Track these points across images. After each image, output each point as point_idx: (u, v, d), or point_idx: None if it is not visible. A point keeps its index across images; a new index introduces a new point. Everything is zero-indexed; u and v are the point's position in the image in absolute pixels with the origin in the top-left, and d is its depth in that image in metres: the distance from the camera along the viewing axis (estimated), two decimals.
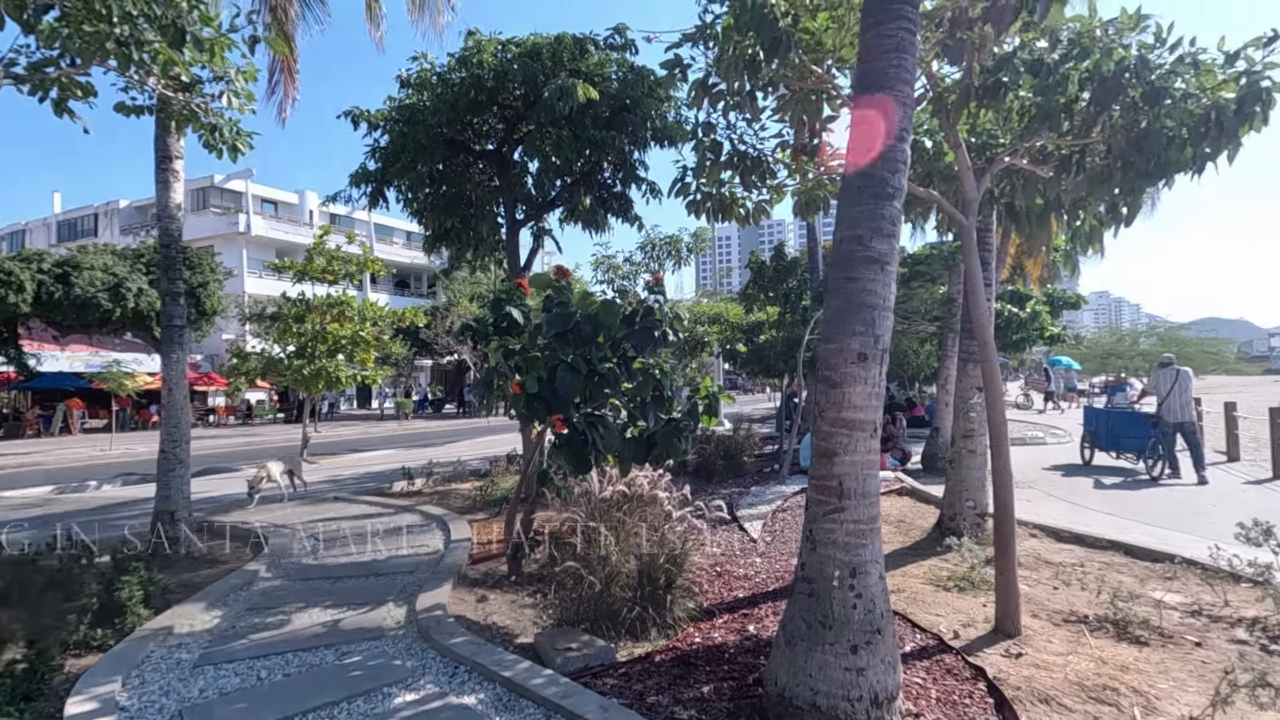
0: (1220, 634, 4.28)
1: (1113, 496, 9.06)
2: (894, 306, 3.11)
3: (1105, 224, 5.70)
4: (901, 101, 3.05)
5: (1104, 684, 3.59)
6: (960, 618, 4.59)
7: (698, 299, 19.78)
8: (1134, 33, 4.16)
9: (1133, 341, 43.94)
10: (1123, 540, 6.39)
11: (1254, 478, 10.54)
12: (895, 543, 6.65)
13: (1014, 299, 14.98)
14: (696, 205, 5.78)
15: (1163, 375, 10.87)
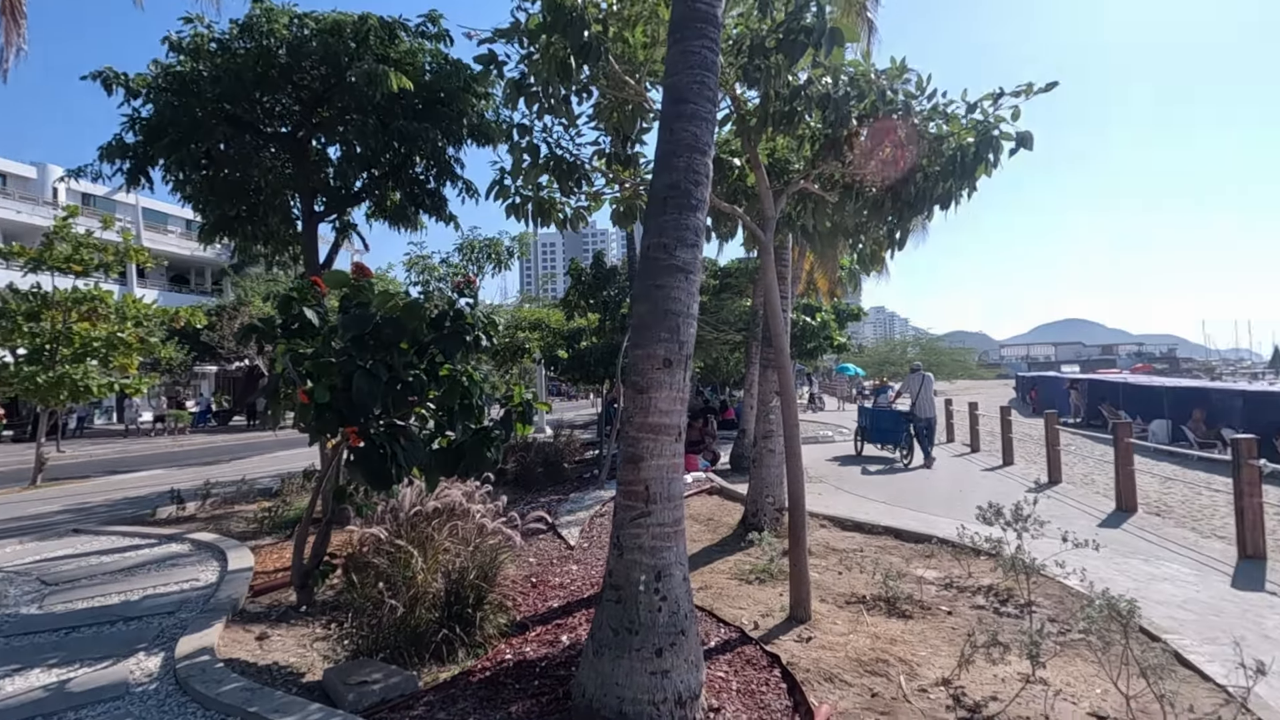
0: (966, 602, 4.98)
1: (879, 482, 10.30)
2: (707, 317, 3.25)
3: (883, 247, 6.44)
4: (704, 117, 3.18)
5: (877, 657, 4.00)
6: (760, 608, 4.89)
7: (519, 304, 19.49)
8: (899, 80, 4.75)
9: (902, 350, 50.85)
10: (893, 525, 7.25)
11: (990, 465, 12.57)
12: (704, 540, 6.96)
13: (807, 311, 16.56)
14: (515, 208, 5.64)
15: (913, 379, 13.04)
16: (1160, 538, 7.18)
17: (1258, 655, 4.15)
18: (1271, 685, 3.74)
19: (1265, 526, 6.59)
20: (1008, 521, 3.97)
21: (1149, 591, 5.35)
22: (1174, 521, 8.12)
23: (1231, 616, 4.82)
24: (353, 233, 8.94)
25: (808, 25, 3.66)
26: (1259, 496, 6.37)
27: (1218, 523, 8.00)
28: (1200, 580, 5.68)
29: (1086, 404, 21.14)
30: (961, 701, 3.45)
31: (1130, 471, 8.48)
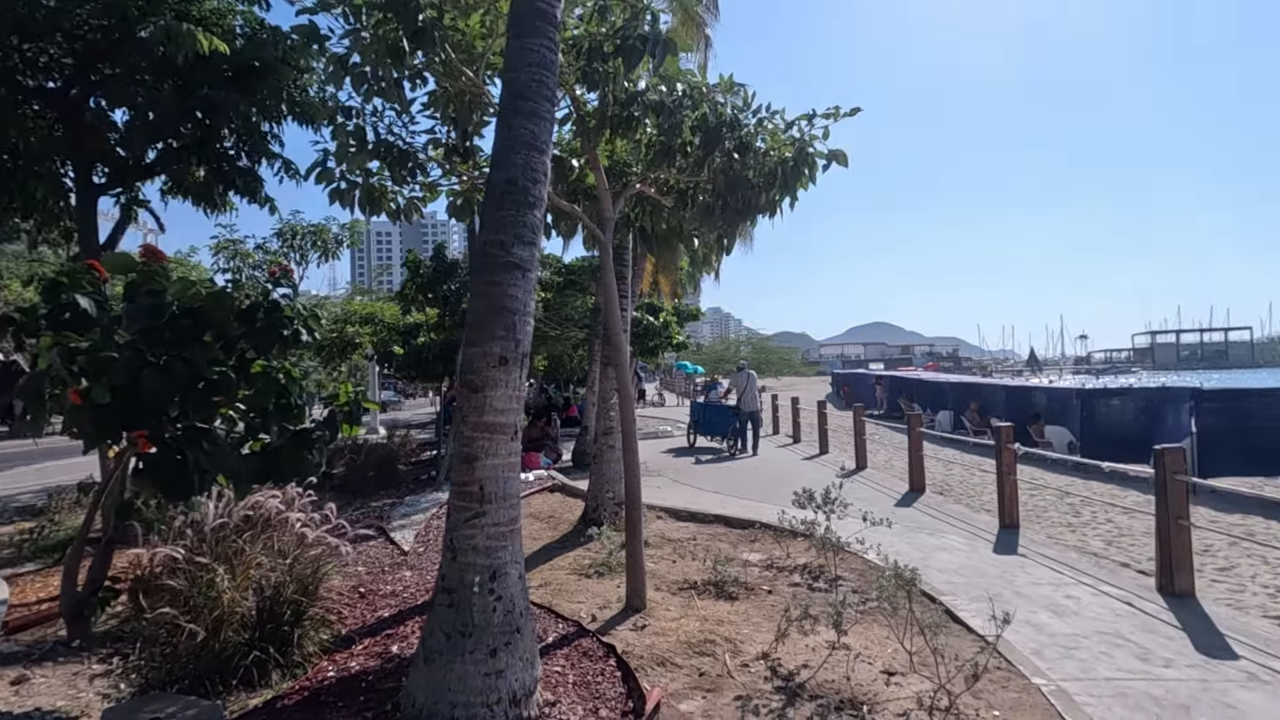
0: (785, 581, 5.42)
1: (712, 474, 10.92)
2: (550, 314, 3.25)
3: (715, 251, 6.79)
4: (542, 116, 3.19)
5: (705, 638, 4.24)
6: (599, 601, 4.99)
7: (350, 296, 18.17)
8: (729, 95, 5.05)
9: (736, 349, 54.06)
10: (724, 514, 7.72)
11: (809, 454, 13.76)
12: (545, 538, 6.97)
13: (650, 310, 17.12)
14: (341, 194, 5.27)
15: (740, 377, 14.34)
16: (943, 513, 8.28)
17: (1009, 608, 4.91)
18: (1018, 631, 4.47)
19: (1019, 500, 7.86)
20: (818, 505, 4.38)
21: (932, 560, 6.15)
22: (953, 499, 9.40)
23: (992, 577, 5.69)
24: (143, 211, 7.85)
25: (643, 34, 3.78)
26: (1014, 475, 7.57)
27: (986, 498, 9.38)
28: (971, 548, 6.64)
29: (888, 398, 23.83)
30: (778, 672, 3.76)
31: (920, 457, 9.69)
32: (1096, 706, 3.45)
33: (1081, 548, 6.92)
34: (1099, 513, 8.62)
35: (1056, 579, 5.65)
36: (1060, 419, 14.21)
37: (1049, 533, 7.60)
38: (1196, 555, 6.61)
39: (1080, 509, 8.90)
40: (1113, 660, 4.04)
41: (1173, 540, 5.25)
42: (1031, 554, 6.43)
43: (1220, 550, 6.90)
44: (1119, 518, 8.21)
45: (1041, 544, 6.86)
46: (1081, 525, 8.04)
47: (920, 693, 3.36)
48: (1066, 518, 8.45)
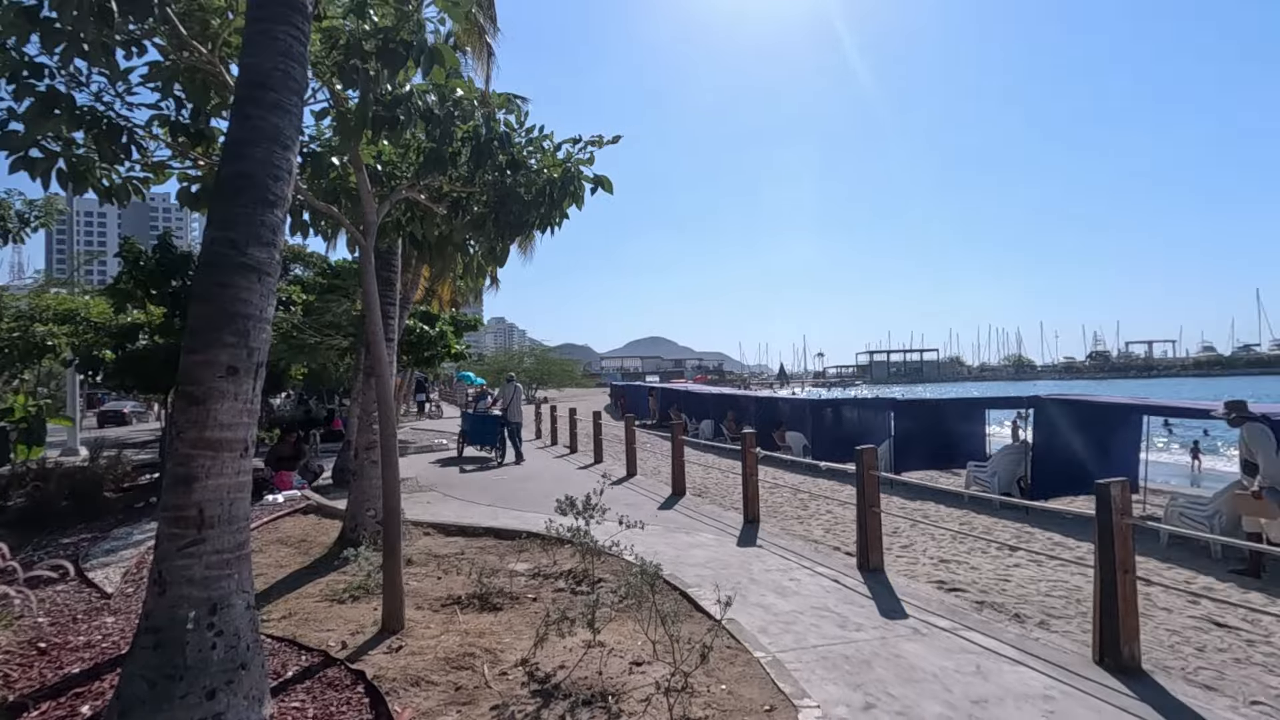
0: (550, 588, 5.56)
1: (485, 486, 10.81)
2: (311, 318, 2.99)
3: (489, 262, 6.78)
4: (288, 109, 2.97)
5: (465, 652, 4.20)
6: (351, 626, 4.69)
7: (42, 287, 14.85)
8: (503, 110, 5.12)
9: (519, 360, 53.83)
10: (494, 526, 7.68)
11: (585, 463, 14.20)
12: (294, 564, 6.35)
13: (426, 319, 16.41)
14: (31, 164, 4.35)
15: (506, 388, 15.02)
16: (699, 513, 9.07)
17: (744, 593, 5.55)
18: (749, 612, 5.09)
19: (761, 498, 8.90)
20: (578, 511, 4.59)
21: (686, 556, 6.73)
22: (710, 500, 10.34)
23: (734, 567, 6.38)
24: None
25: (407, 40, 3.70)
26: (756, 476, 8.57)
27: (736, 498, 10.46)
28: (719, 544, 7.37)
29: (660, 408, 25.47)
30: (535, 676, 3.86)
31: (682, 463, 10.53)
32: (803, 670, 4.05)
33: (806, 536, 8.03)
34: (822, 505, 10.07)
35: (785, 565, 6.50)
36: (797, 426, 16.36)
37: (783, 525, 8.70)
38: (887, 536, 8.02)
39: (808, 503, 10.33)
40: (820, 630, 4.78)
41: (868, 525, 6.34)
42: (768, 545, 7.32)
43: (904, 531, 8.46)
44: (837, 509, 9.67)
45: (776, 535, 7.83)
46: (808, 517, 9.33)
47: (662, 677, 3.68)
48: (798, 511, 9.75)
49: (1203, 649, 4.74)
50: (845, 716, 3.53)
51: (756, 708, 3.49)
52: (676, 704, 3.40)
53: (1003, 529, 8.82)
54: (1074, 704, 3.70)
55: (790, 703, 3.48)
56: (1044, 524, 8.92)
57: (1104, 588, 4.20)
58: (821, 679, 3.97)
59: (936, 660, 4.26)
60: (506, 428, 14.37)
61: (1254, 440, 6.94)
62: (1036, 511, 9.41)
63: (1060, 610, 5.48)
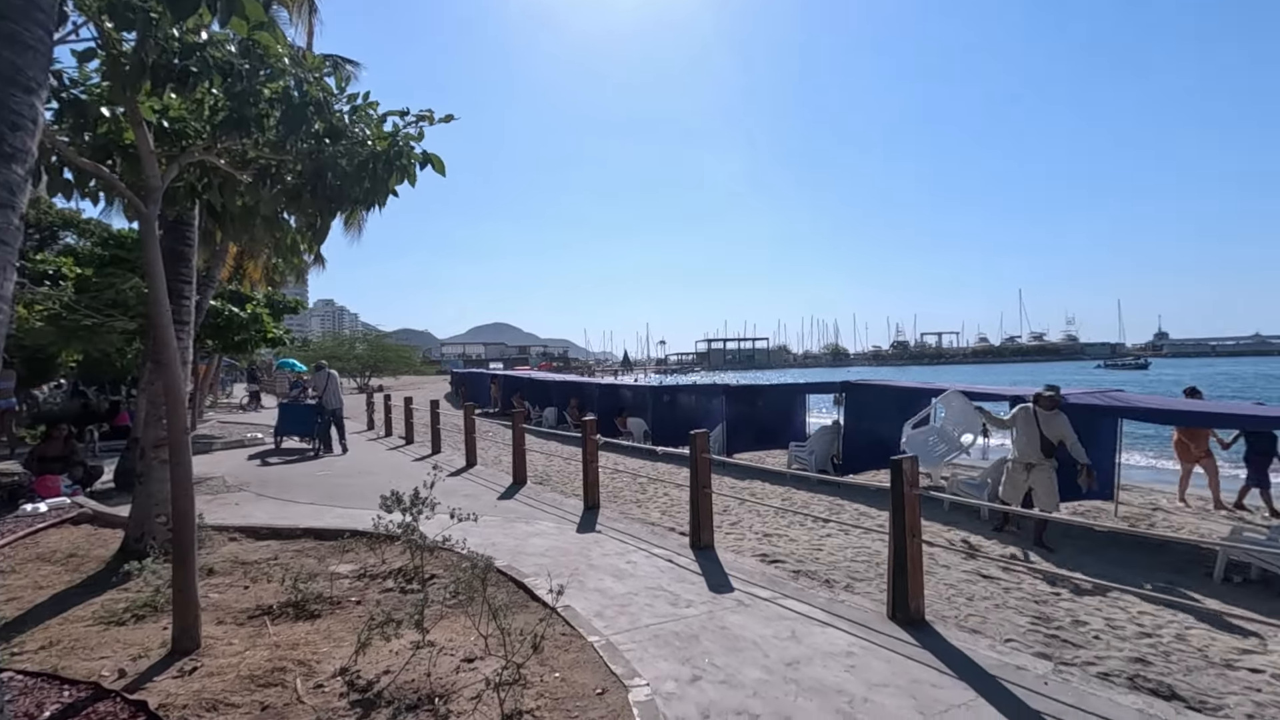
0: (377, 589, 5.24)
1: (307, 484, 9.98)
2: (88, 296, 2.49)
3: (304, 239, 6.20)
4: (30, 45, 2.46)
5: (275, 667, 3.83)
6: (133, 651, 4.10)
7: None
8: (321, 72, 4.65)
9: (350, 346, 50.12)
10: (315, 526, 7.09)
11: (421, 455, 13.55)
12: (59, 584, 5.43)
13: (235, 300, 14.74)
14: None
15: (319, 376, 14.39)
16: (540, 502, 9.01)
17: (585, 579, 5.59)
18: (587, 598, 5.13)
19: (601, 484, 9.01)
20: (405, 506, 4.35)
21: (525, 546, 6.65)
22: (551, 488, 10.30)
23: (574, 554, 6.41)
24: None
25: None
26: (596, 462, 8.66)
27: (578, 485, 10.52)
28: (559, 531, 7.36)
29: (503, 396, 24.96)
30: (356, 685, 3.61)
31: (523, 451, 10.38)
32: (636, 650, 4.16)
33: (644, 519, 8.26)
34: (660, 489, 10.42)
35: (622, 548, 6.64)
36: (639, 412, 16.78)
37: (622, 509, 8.88)
38: (717, 515, 8.46)
39: (647, 487, 10.64)
40: (654, 609, 4.93)
41: (700, 505, 6.65)
42: (607, 529, 7.44)
43: (733, 509, 8.99)
44: (674, 491, 10.04)
45: (615, 520, 7.98)
46: (647, 500, 9.61)
47: (494, 672, 3.60)
48: (637, 495, 10.01)
49: (971, 599, 5.51)
50: (673, 690, 3.67)
51: (589, 692, 3.53)
52: (508, 698, 3.35)
53: (818, 503, 9.67)
54: (871, 657, 4.14)
55: (621, 683, 3.56)
56: (852, 496, 9.89)
57: (896, 551, 4.74)
58: (653, 657, 4.10)
59: (757, 629, 4.57)
60: (324, 417, 13.82)
61: (1061, 423, 7.48)
62: (846, 486, 10.42)
63: (863, 574, 6.11)
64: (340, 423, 14.16)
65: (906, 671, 3.94)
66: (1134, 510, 9.32)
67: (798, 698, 3.61)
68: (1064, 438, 7.45)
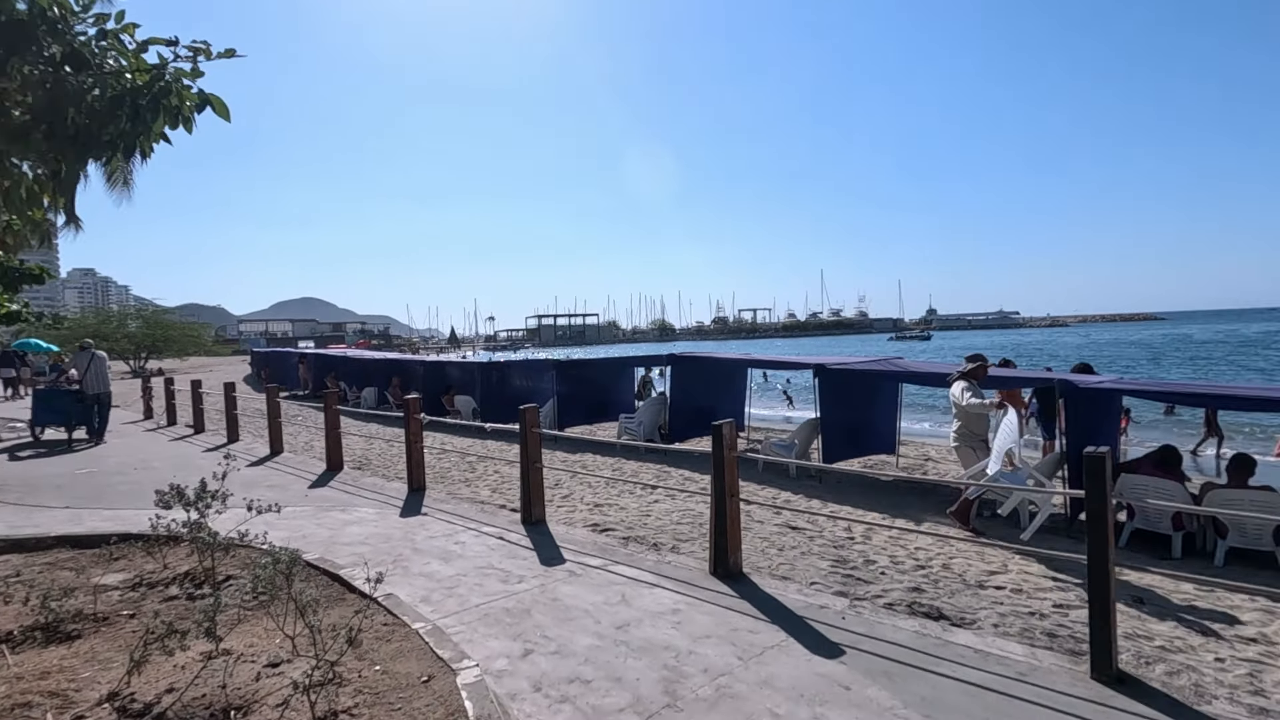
0: (157, 598, 4.55)
1: (68, 484, 8.47)
2: None
3: (45, 191, 5.16)
4: None
5: (17, 703, 3.19)
6: None
7: None
8: None
9: (120, 323, 43.01)
10: (73, 533, 6.02)
11: (214, 444, 12.03)
12: None
13: None
14: None
15: (80, 357, 12.88)
16: (359, 488, 8.40)
17: (409, 564, 5.31)
18: (412, 583, 4.87)
19: (427, 464, 8.60)
20: (190, 501, 3.81)
21: (342, 536, 6.16)
22: (371, 472, 9.64)
23: (397, 540, 6.05)
24: None
25: None
26: (421, 442, 8.23)
27: (401, 468, 9.94)
28: (381, 517, 6.92)
29: (314, 377, 22.87)
30: (129, 710, 3.11)
31: (337, 435, 9.59)
32: (465, 632, 4.03)
33: (474, 498, 8.02)
34: (490, 466, 10.18)
35: (450, 529, 6.39)
36: (467, 389, 16.22)
37: (450, 490, 8.55)
38: (549, 489, 8.44)
39: (476, 465, 10.34)
40: (484, 588, 4.80)
41: (531, 480, 6.57)
42: (433, 512, 7.11)
43: (565, 482, 9.02)
44: (504, 468, 9.86)
45: (442, 501, 7.66)
46: (476, 479, 9.34)
47: (303, 674, 3.28)
48: (465, 474, 9.69)
49: (782, 549, 6.02)
50: (505, 668, 3.60)
51: (413, 681, 3.35)
52: (320, 699, 3.07)
53: (647, 471, 10.02)
54: (695, 611, 4.37)
55: (449, 667, 3.41)
56: (679, 463, 10.36)
57: (717, 511, 5.02)
58: (484, 636, 3.99)
59: (589, 596, 4.63)
60: (85, 404, 12.30)
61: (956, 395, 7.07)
62: (673, 453, 10.89)
63: (688, 535, 6.42)
64: (105, 411, 12.56)
65: (727, 622, 4.21)
66: (910, 461, 10.74)
67: (628, 658, 3.70)
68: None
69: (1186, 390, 8.06)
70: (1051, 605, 4.74)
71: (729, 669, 3.58)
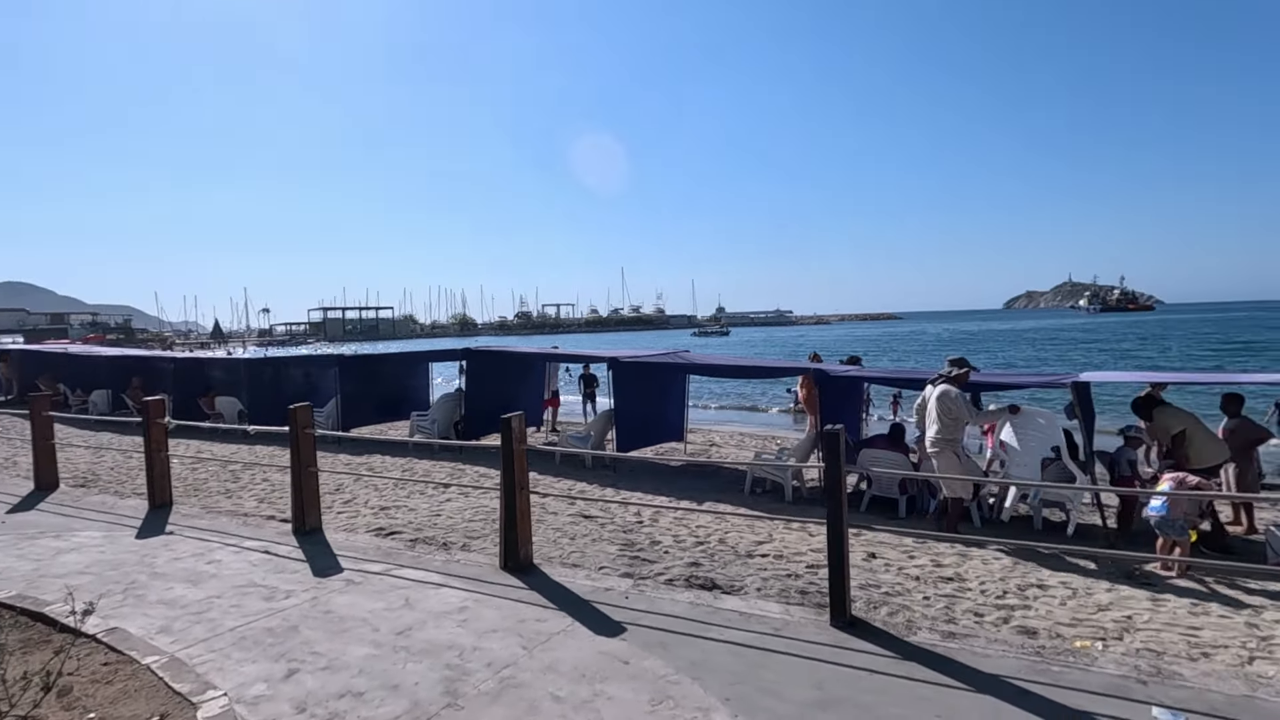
0: None
1: None
2: None
3: None
4: None
5: None
6: None
7: None
8: None
9: None
10: None
11: None
12: None
13: None
14: None
15: None
16: (81, 509, 7.06)
17: (146, 592, 4.59)
18: (147, 614, 4.21)
19: (172, 475, 7.46)
20: None
21: (53, 567, 5.15)
22: (100, 489, 8.15)
23: (131, 566, 5.18)
24: None
25: None
26: (166, 450, 7.12)
27: (140, 481, 8.52)
28: (110, 541, 5.87)
29: (21, 378, 18.71)
30: None
31: (50, 447, 7.96)
32: (214, 660, 3.57)
33: (236, 510, 7.13)
34: (258, 474, 9.11)
35: (203, 548, 5.62)
36: (231, 390, 14.34)
37: (207, 503, 7.52)
38: (329, 494, 7.81)
39: (241, 474, 9.20)
40: (242, 609, 4.29)
41: (304, 486, 6.00)
42: (182, 530, 6.20)
43: (348, 486, 8.37)
44: (275, 475, 8.88)
45: (194, 516, 6.71)
46: (239, 489, 8.31)
47: None
48: (227, 485, 8.58)
49: (574, 538, 6.15)
50: (264, 693, 3.26)
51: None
52: None
53: (440, 470, 9.65)
54: (483, 607, 4.30)
55: (189, 701, 3.01)
56: (475, 460, 10.12)
57: (507, 505, 4.99)
58: (238, 662, 3.57)
59: (368, 604, 4.35)
60: None
61: (957, 402, 6.56)
62: (469, 450, 10.60)
63: (480, 531, 6.30)
64: None
65: (515, 614, 4.20)
66: (697, 447, 11.56)
67: (407, 663, 3.54)
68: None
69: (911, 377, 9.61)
70: (805, 566, 5.39)
71: (514, 660, 3.58)
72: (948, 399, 6.50)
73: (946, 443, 6.50)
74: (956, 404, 6.50)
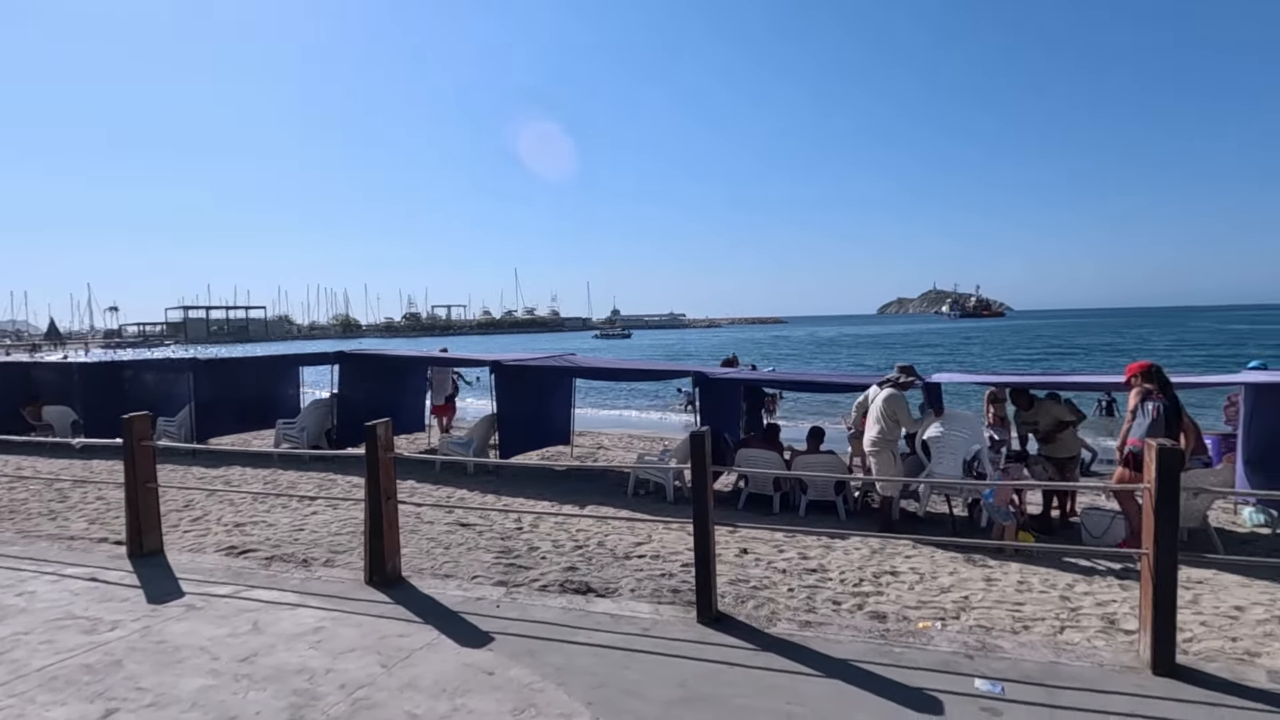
0: None
1: None
2: None
3: None
4: None
5: None
6: None
7: None
8: None
9: None
10: None
11: None
12: None
13: None
14: None
15: None
16: None
17: None
18: None
19: None
20: None
21: None
22: None
23: None
24: None
25: None
26: None
27: None
28: None
29: None
30: None
31: None
32: (14, 705, 3.15)
33: (59, 534, 6.36)
34: (92, 492, 8.19)
35: (14, 577, 4.97)
36: (64, 399, 12.80)
37: (24, 526, 6.67)
38: (177, 511, 7.16)
39: (71, 492, 8.23)
40: (55, 645, 3.82)
41: (141, 504, 5.44)
42: None
43: (200, 502, 7.68)
44: (112, 493, 7.99)
45: (7, 543, 5.92)
46: (67, 510, 7.43)
47: None
48: (52, 505, 7.65)
49: (449, 547, 5.96)
50: None
51: None
52: None
53: (307, 481, 9.05)
54: (341, 626, 4.06)
55: None
56: (346, 469, 9.57)
57: (372, 516, 4.75)
58: (44, 706, 3.17)
59: (209, 631, 3.99)
60: None
61: (902, 407, 6.93)
62: (341, 459, 10.02)
63: (346, 545, 5.97)
64: None
65: (376, 630, 4.00)
66: (584, 450, 11.54)
67: (249, 692, 3.28)
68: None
69: (797, 379, 10.07)
70: (680, 565, 5.50)
71: (371, 679, 3.40)
72: (894, 402, 6.86)
73: (886, 444, 6.84)
74: (901, 409, 6.89)
